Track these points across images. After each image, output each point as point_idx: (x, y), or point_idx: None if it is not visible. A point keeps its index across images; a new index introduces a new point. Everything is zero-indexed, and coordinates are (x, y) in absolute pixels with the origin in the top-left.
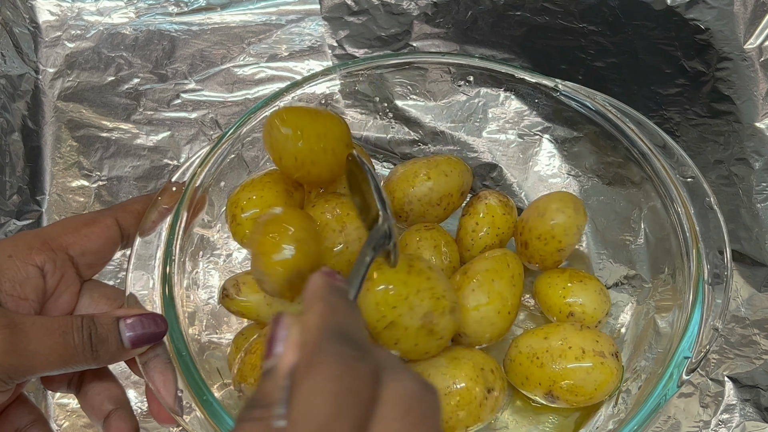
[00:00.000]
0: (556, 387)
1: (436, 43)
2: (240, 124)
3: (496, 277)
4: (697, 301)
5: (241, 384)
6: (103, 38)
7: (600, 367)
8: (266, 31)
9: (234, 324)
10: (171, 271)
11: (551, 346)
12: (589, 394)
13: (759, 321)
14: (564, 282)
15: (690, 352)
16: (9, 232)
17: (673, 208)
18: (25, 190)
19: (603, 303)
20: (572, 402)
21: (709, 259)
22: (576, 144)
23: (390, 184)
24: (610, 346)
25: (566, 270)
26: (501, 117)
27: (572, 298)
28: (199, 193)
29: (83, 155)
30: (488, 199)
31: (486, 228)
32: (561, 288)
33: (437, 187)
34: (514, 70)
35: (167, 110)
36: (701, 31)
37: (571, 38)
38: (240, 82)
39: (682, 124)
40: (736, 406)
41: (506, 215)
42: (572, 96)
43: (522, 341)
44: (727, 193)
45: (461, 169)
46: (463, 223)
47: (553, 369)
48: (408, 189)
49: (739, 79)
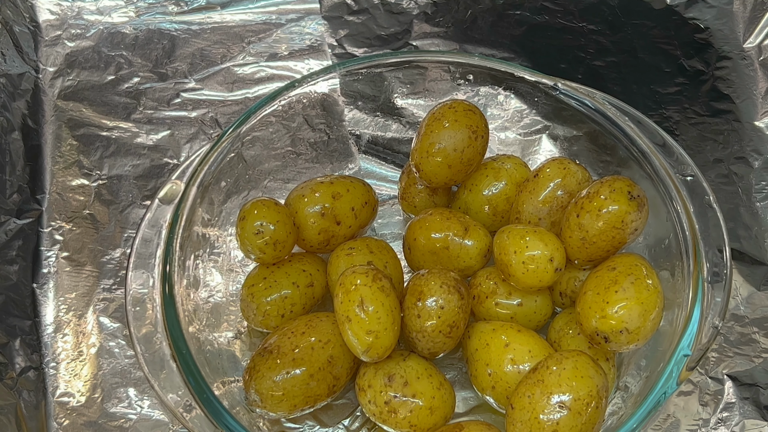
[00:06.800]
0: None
1: (436, 42)
2: (240, 123)
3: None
4: (696, 299)
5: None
6: (103, 37)
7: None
8: (266, 30)
9: (234, 323)
10: (171, 269)
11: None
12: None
13: (758, 319)
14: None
15: (689, 350)
16: (9, 231)
17: (672, 206)
18: (25, 189)
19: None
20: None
21: (709, 258)
22: (575, 143)
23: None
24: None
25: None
26: (501, 116)
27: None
28: (199, 191)
29: (83, 154)
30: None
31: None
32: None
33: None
34: (514, 68)
35: (167, 109)
36: (701, 30)
37: (571, 37)
38: (240, 81)
39: (681, 123)
40: (735, 404)
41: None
42: (572, 95)
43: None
44: (726, 192)
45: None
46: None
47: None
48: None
49: (739, 78)
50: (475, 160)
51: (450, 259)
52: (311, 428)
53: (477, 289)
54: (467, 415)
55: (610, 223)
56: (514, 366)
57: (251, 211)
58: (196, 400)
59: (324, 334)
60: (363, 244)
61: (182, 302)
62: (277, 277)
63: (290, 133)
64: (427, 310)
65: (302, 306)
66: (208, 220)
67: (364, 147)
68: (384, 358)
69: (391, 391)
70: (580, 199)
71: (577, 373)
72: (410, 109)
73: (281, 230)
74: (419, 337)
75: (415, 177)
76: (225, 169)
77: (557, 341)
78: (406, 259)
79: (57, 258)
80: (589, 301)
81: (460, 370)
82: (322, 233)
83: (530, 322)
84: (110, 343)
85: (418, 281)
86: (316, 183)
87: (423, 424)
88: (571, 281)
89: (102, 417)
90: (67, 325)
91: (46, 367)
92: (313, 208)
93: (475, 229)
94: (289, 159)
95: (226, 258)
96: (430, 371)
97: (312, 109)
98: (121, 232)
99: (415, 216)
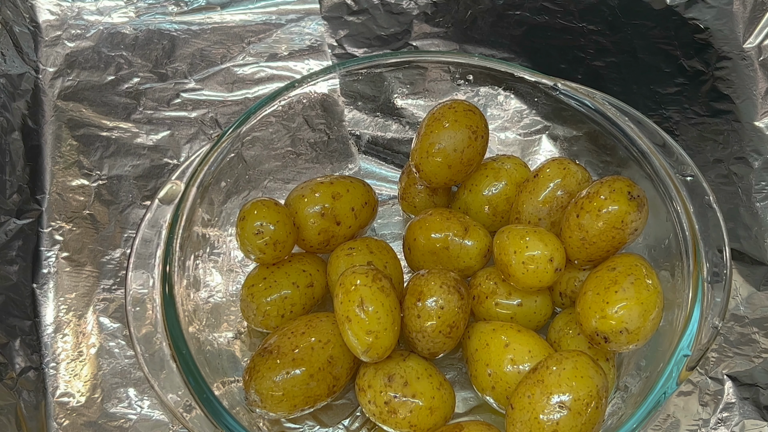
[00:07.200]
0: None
1: (436, 42)
2: (240, 123)
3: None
4: (696, 299)
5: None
6: (103, 38)
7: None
8: (266, 30)
9: (234, 323)
10: (171, 269)
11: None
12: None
13: (758, 319)
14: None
15: (689, 351)
16: (9, 231)
17: (672, 206)
18: (25, 189)
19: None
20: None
21: (709, 258)
22: (575, 143)
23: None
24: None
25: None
26: (501, 116)
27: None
28: (199, 191)
29: (83, 154)
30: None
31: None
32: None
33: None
34: (514, 69)
35: (167, 109)
36: (700, 30)
37: (571, 37)
38: (240, 81)
39: (681, 123)
40: (735, 404)
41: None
42: (572, 95)
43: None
44: (726, 192)
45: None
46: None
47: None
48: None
49: (738, 78)
50: (475, 161)
51: (450, 259)
52: (311, 428)
53: (477, 290)
54: (467, 416)
55: (610, 224)
56: (514, 366)
57: (251, 211)
58: (196, 401)
59: (324, 334)
60: (363, 244)
61: (182, 302)
62: (277, 277)
63: (290, 134)
64: (427, 310)
65: (302, 306)
66: (208, 220)
67: (364, 147)
68: (384, 359)
69: (391, 391)
70: (580, 200)
71: (577, 373)
72: (410, 110)
73: (281, 230)
74: (419, 337)
75: (415, 177)
76: (225, 170)
77: (557, 341)
78: (406, 259)
79: (57, 258)
80: (589, 302)
81: (460, 370)
82: (322, 233)
83: (530, 322)
84: (110, 343)
85: (418, 281)
86: (316, 183)
87: (423, 425)
88: (571, 281)
89: (102, 417)
90: (67, 326)
91: (46, 368)
92: (313, 209)
93: (475, 230)
94: (289, 159)
95: (226, 258)
96: (430, 371)
97: (312, 109)
98: (121, 233)
99: (415, 216)
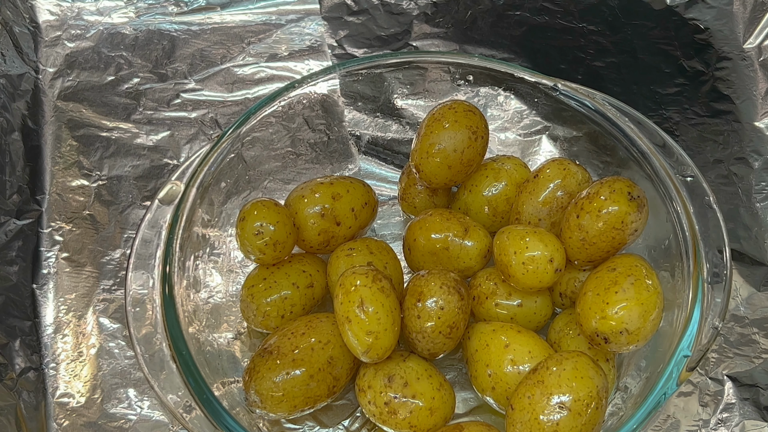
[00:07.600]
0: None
1: (436, 42)
2: (240, 124)
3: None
4: (696, 300)
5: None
6: (103, 38)
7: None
8: (266, 30)
9: (234, 324)
10: (171, 270)
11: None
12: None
13: (758, 320)
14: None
15: (689, 351)
16: (9, 232)
17: (672, 207)
18: (25, 190)
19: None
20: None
21: (709, 258)
22: (575, 143)
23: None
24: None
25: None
26: (501, 116)
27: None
28: (199, 192)
29: (83, 155)
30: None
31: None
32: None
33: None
34: (514, 69)
35: (167, 110)
36: (700, 30)
37: (571, 38)
38: (240, 81)
39: (681, 124)
40: (735, 405)
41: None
42: (572, 95)
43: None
44: (726, 193)
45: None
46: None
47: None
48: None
49: (739, 79)
50: (475, 161)
51: (450, 259)
52: (311, 429)
53: (477, 290)
54: (467, 416)
55: (610, 224)
56: (514, 367)
57: (251, 211)
58: (196, 401)
59: (324, 334)
60: (363, 244)
61: (182, 303)
62: (277, 277)
63: (290, 134)
64: (427, 310)
65: (302, 307)
66: (208, 220)
67: (364, 148)
68: (384, 359)
69: (391, 391)
70: (580, 200)
71: (577, 374)
72: (410, 110)
73: (281, 231)
74: (419, 337)
75: (415, 178)
76: (225, 170)
77: (557, 342)
78: (405, 259)
79: (57, 259)
80: (589, 302)
81: (460, 370)
82: (322, 234)
83: (530, 322)
84: (110, 343)
85: (418, 282)
86: (315, 184)
87: (423, 425)
88: (571, 282)
89: (102, 418)
90: (66, 326)
91: (46, 368)
92: (313, 209)
93: (475, 230)
94: (289, 160)
95: (225, 259)
96: (430, 372)
97: (312, 109)
98: (121, 233)
99: (414, 217)
